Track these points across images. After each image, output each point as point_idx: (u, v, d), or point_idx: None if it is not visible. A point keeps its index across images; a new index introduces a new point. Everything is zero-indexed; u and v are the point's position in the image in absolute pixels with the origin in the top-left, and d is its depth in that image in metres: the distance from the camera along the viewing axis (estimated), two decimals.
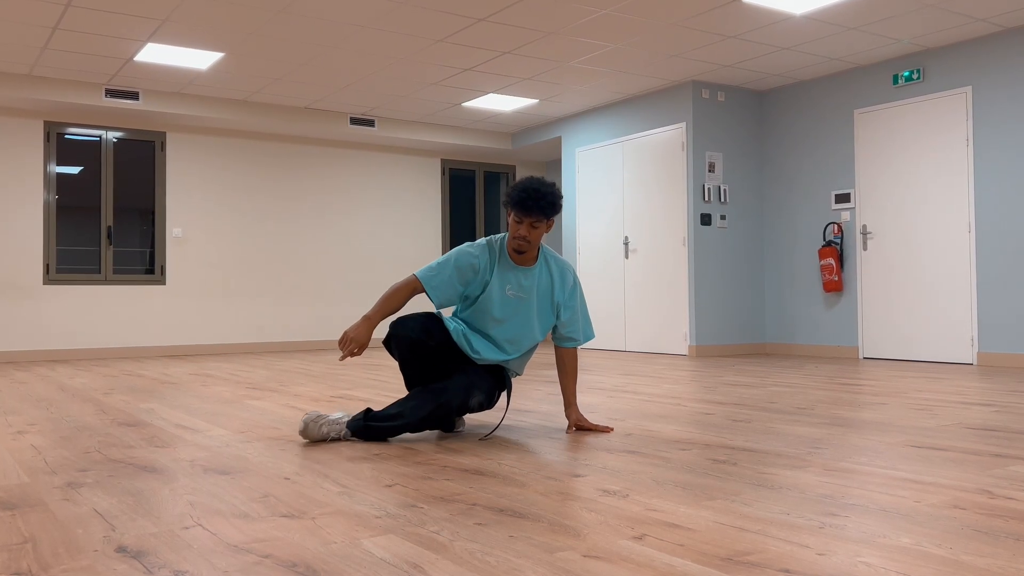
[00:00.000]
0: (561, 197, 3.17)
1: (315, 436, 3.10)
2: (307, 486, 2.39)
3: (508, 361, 3.33)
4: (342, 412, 3.23)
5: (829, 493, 2.23)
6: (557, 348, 3.39)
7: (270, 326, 9.40)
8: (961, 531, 1.86)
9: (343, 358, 3.08)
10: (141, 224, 8.84)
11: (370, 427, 3.12)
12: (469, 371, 3.22)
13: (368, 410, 3.15)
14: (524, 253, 3.23)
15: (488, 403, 3.27)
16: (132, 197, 8.79)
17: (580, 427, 3.35)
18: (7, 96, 7.69)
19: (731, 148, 8.29)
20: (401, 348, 3.19)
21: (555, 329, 3.37)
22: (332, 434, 3.12)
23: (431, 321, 3.23)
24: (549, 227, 3.20)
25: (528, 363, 3.41)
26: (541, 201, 3.10)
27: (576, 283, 3.35)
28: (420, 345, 3.18)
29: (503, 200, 3.19)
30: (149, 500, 2.24)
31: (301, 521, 2.00)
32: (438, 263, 3.24)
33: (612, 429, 3.36)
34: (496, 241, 3.30)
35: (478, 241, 3.30)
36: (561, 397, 4.08)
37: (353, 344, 3.05)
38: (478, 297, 3.26)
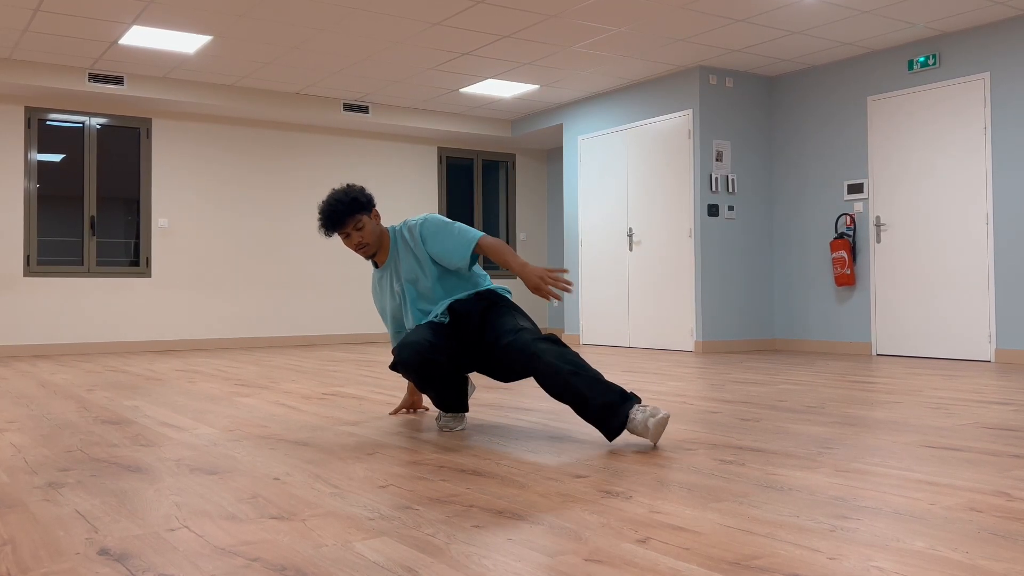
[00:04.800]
0: (359, 190, 3.31)
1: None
2: (298, 487, 2.39)
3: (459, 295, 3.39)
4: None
5: (840, 495, 2.23)
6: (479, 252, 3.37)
7: (260, 320, 9.40)
8: (978, 534, 1.85)
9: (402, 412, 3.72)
10: (125, 214, 8.83)
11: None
12: (496, 322, 3.24)
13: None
14: (375, 254, 3.42)
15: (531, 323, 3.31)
16: (116, 186, 8.78)
17: (547, 279, 3.05)
18: None
19: (739, 136, 8.27)
20: (409, 374, 3.26)
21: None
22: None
23: (428, 333, 3.27)
24: (375, 218, 3.36)
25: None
26: (340, 209, 3.26)
27: (424, 228, 3.33)
28: (427, 364, 3.21)
29: (323, 235, 3.35)
30: (133, 501, 2.24)
31: (291, 523, 2.00)
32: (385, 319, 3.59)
33: (570, 285, 3.05)
34: (373, 267, 3.55)
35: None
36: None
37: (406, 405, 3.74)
38: (392, 309, 3.49)
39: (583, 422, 3.54)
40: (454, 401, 3.36)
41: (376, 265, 3.49)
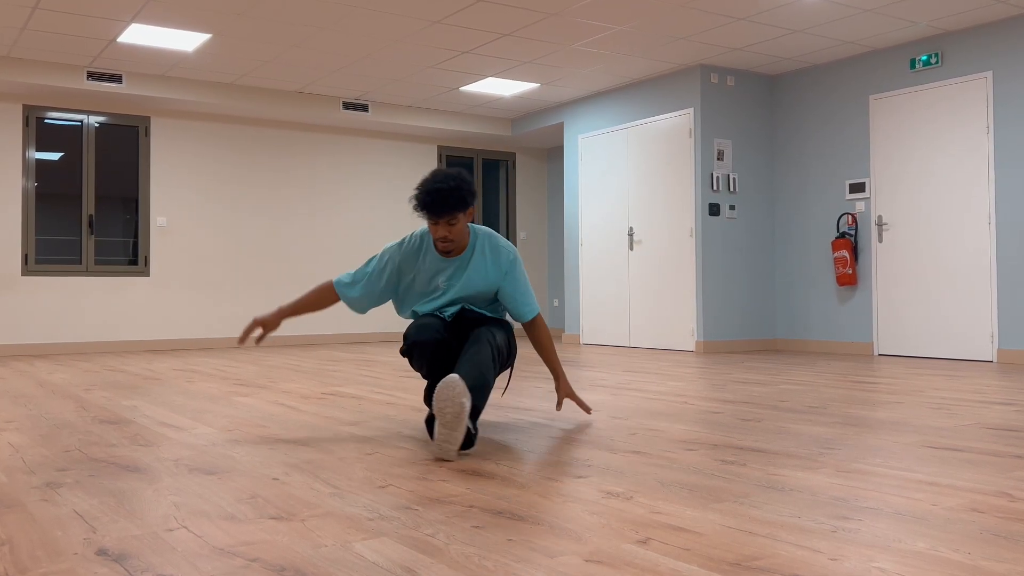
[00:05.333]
0: (469, 184, 3.14)
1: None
2: (297, 487, 2.39)
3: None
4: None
5: (842, 495, 2.23)
6: (525, 329, 3.46)
7: None
8: (979, 535, 1.86)
9: (242, 340, 3.26)
10: (124, 213, 8.83)
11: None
12: (477, 331, 3.23)
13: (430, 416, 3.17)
14: (452, 250, 3.26)
15: (508, 350, 3.29)
16: (115, 185, 8.78)
17: (570, 397, 3.49)
18: None
19: (741, 135, 8.27)
20: (427, 354, 3.19)
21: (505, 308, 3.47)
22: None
23: (443, 320, 3.28)
24: (469, 216, 3.20)
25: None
26: (449, 199, 3.09)
27: (512, 265, 3.35)
28: (444, 346, 3.19)
29: (411, 204, 3.19)
30: (132, 501, 2.24)
31: (290, 523, 2.00)
32: (361, 271, 3.36)
33: (591, 411, 3.61)
34: (427, 236, 3.34)
35: (406, 237, 3.36)
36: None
37: (256, 326, 3.24)
38: (415, 292, 3.35)
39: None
40: None
41: (436, 249, 3.28)
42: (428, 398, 3.37)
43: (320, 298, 3.34)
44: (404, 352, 3.26)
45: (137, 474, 2.59)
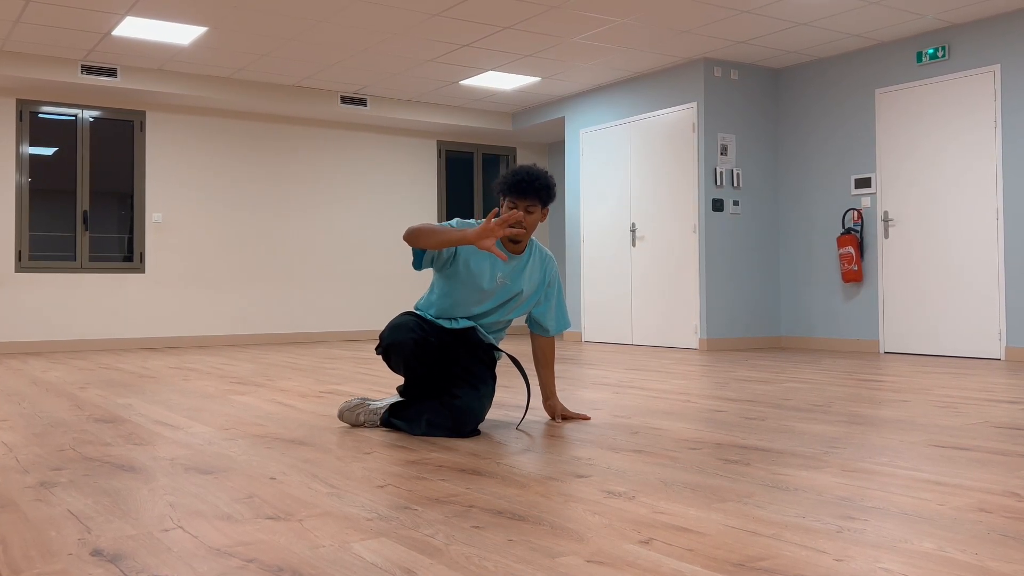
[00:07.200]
0: (555, 183, 3.27)
1: (350, 421, 3.41)
2: (294, 486, 2.39)
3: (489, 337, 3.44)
4: (391, 398, 3.43)
5: (847, 495, 2.23)
6: (534, 338, 3.56)
7: (255, 317, 9.40)
8: (987, 535, 1.85)
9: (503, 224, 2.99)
10: (119, 209, 8.83)
11: (391, 423, 3.32)
12: (476, 383, 3.24)
13: (393, 405, 3.32)
14: (519, 242, 3.30)
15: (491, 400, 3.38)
16: (109, 180, 8.77)
17: (565, 417, 3.55)
18: None
19: (745, 129, 8.27)
20: (405, 354, 3.20)
21: (530, 317, 3.53)
22: (368, 423, 3.37)
23: (418, 318, 3.31)
24: (544, 215, 3.28)
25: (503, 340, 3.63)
26: (536, 183, 3.19)
27: (556, 276, 3.50)
28: (423, 344, 3.20)
29: (495, 188, 3.27)
30: (127, 501, 2.24)
31: (287, 523, 2.00)
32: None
33: (590, 417, 3.61)
34: None
35: (471, 220, 3.39)
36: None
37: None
38: (466, 275, 3.29)
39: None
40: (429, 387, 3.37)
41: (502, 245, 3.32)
42: (406, 392, 3.38)
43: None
44: (380, 353, 3.28)
45: (132, 473, 2.59)
